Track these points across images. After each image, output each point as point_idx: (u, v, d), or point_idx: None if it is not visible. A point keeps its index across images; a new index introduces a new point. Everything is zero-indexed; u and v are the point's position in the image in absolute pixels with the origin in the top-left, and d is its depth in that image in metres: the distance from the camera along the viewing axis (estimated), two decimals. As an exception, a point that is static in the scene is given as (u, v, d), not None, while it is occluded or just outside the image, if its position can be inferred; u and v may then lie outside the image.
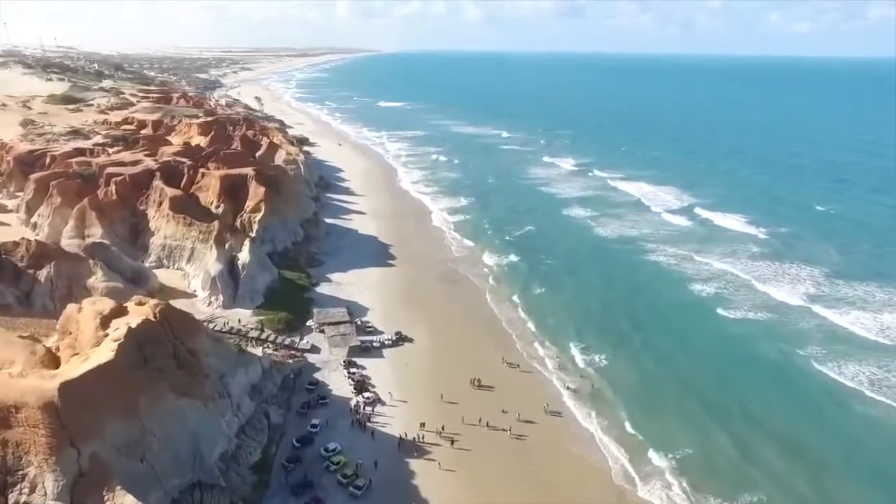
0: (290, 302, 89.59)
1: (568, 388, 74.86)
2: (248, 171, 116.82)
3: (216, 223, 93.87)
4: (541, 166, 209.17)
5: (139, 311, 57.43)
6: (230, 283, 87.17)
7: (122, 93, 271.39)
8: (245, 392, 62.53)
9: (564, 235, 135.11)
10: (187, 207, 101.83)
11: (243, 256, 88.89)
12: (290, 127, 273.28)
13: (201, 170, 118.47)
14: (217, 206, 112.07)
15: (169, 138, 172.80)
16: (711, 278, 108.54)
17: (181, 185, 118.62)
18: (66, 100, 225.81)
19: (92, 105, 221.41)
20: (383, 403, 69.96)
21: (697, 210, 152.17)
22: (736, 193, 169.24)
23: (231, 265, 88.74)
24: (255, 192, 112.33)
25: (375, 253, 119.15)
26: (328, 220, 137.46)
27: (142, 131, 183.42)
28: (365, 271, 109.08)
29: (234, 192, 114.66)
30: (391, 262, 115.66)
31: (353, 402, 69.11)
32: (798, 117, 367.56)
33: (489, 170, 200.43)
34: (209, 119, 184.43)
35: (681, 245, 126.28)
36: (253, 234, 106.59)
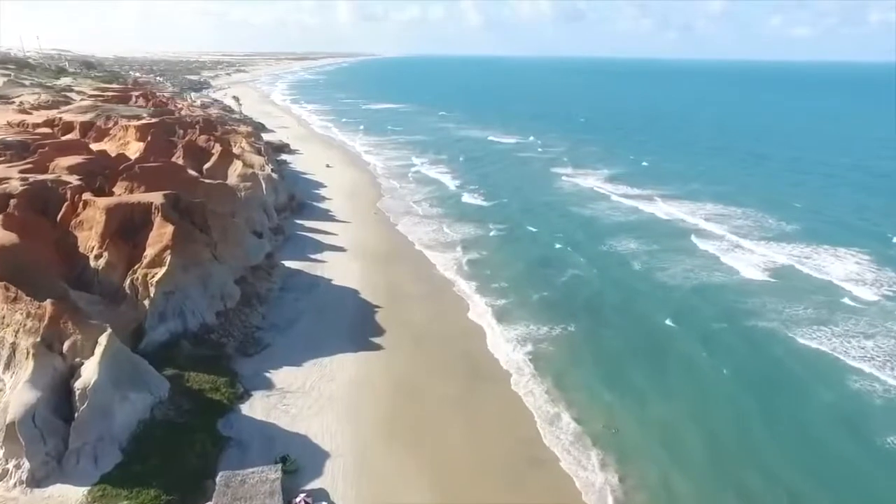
0: (178, 453, 48.04)
1: None
2: (155, 198, 75.23)
3: (48, 303, 51.80)
4: (558, 180, 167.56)
5: None
6: (55, 428, 45.59)
7: (70, 90, 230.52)
8: None
9: (625, 286, 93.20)
10: (20, 265, 59.67)
11: (88, 372, 47.28)
12: (272, 131, 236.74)
13: (84, 196, 76.97)
14: (99, 256, 70.89)
15: (95, 145, 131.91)
16: (848, 374, 67.26)
17: (57, 220, 77.77)
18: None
19: (13, 103, 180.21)
20: None
21: (764, 251, 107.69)
22: (794, 217, 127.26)
23: (63, 389, 47.28)
24: (160, 232, 70.76)
25: (352, 324, 77.44)
26: (290, 264, 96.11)
27: (66, 135, 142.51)
28: (331, 362, 67.52)
29: (130, 232, 73.10)
30: (376, 340, 74.03)
31: None
32: (808, 121, 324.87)
33: (501, 184, 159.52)
34: (152, 121, 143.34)
35: (772, 309, 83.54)
36: (148, 304, 65.55)
